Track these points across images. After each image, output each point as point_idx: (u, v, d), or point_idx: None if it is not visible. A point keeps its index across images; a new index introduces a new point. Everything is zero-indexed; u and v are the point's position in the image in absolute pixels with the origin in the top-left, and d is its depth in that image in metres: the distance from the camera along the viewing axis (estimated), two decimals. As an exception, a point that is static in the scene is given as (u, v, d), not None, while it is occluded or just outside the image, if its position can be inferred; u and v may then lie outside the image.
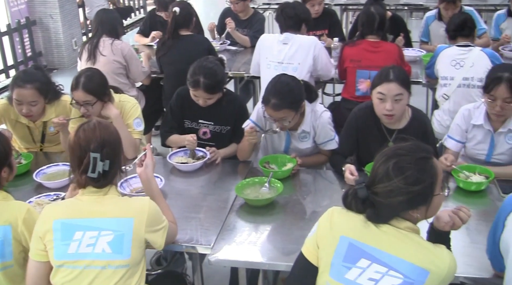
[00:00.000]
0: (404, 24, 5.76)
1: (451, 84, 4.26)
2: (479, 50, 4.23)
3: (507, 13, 5.49)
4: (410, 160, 1.93)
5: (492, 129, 3.26)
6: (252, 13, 5.77)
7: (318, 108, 3.42)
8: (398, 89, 3.11)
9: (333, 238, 2.00)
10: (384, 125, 3.25)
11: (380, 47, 4.44)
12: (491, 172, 3.07)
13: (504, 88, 3.09)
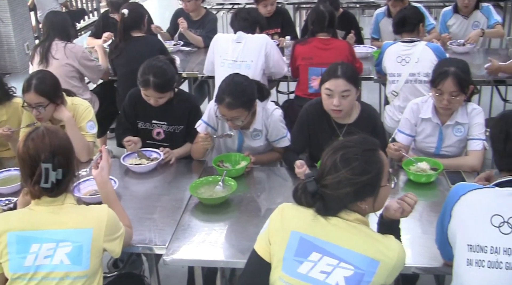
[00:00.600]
0: (355, 21, 5.85)
1: (398, 81, 4.35)
2: (424, 45, 4.31)
3: (453, 9, 5.61)
4: (356, 151, 1.98)
5: (440, 122, 3.34)
6: (204, 14, 5.78)
7: (269, 106, 3.45)
8: (345, 86, 3.15)
9: (284, 233, 2.02)
10: (334, 120, 3.30)
11: (331, 44, 4.50)
12: (440, 163, 3.15)
13: (450, 82, 3.17)
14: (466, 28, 5.51)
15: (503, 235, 2.00)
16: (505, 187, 2.08)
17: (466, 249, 2.04)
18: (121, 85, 4.84)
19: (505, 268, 1.97)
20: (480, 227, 2.04)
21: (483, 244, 2.01)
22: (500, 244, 1.99)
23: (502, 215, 2.03)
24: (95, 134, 3.56)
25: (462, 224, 2.10)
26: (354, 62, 4.58)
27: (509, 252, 1.98)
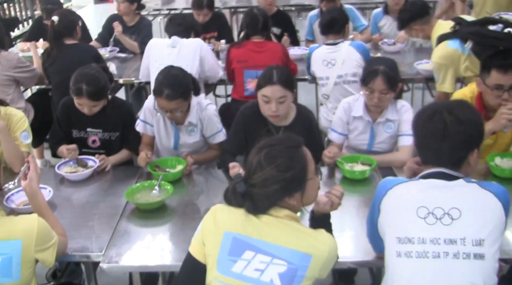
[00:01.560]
0: (290, 20, 5.90)
1: (327, 84, 4.43)
2: (347, 45, 4.40)
3: (384, 11, 5.76)
4: (280, 148, 2.03)
5: (371, 120, 3.44)
6: (139, 19, 5.75)
7: (203, 101, 3.51)
8: (282, 92, 3.20)
9: (218, 234, 2.05)
10: (270, 122, 3.35)
11: (265, 47, 4.56)
12: (373, 160, 3.24)
13: (380, 80, 3.26)
14: (396, 28, 5.65)
15: (429, 226, 2.07)
16: (429, 178, 2.16)
17: (395, 242, 2.10)
18: (55, 93, 4.75)
19: (431, 257, 2.03)
20: (407, 220, 2.10)
21: (411, 236, 2.07)
22: (427, 234, 2.06)
23: (427, 206, 2.09)
24: (30, 145, 3.49)
25: (390, 218, 2.16)
26: (289, 64, 4.66)
27: (435, 242, 2.04)
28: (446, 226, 2.06)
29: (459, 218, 2.06)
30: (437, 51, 4.14)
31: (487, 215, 2.08)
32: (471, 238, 2.03)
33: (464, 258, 2.02)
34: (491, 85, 3.13)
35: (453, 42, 4.01)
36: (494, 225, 2.06)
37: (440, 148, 2.14)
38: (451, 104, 2.20)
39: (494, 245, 2.05)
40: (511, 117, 3.05)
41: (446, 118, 2.12)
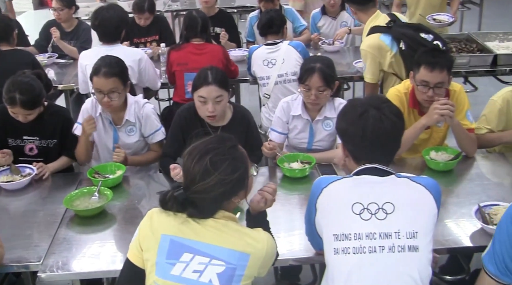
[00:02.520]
0: (232, 20, 5.89)
1: (268, 83, 4.47)
2: (287, 45, 4.46)
3: (322, 11, 5.83)
4: (223, 151, 2.02)
5: (310, 118, 3.48)
6: (77, 24, 5.64)
7: (140, 100, 3.51)
8: (218, 91, 3.21)
9: (155, 238, 2.04)
10: (208, 123, 3.35)
11: (205, 49, 4.55)
12: (312, 158, 3.28)
13: (317, 77, 3.31)
14: (335, 28, 5.76)
15: (364, 221, 2.10)
16: (362, 175, 2.19)
17: (333, 239, 2.12)
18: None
19: (368, 252, 2.06)
20: (343, 216, 2.13)
21: (347, 232, 2.10)
22: (362, 230, 2.09)
23: (361, 202, 2.12)
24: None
25: (326, 216, 2.18)
26: (229, 66, 4.68)
27: (371, 237, 2.08)
28: (381, 220, 2.10)
29: (393, 212, 2.10)
30: (367, 39, 4.21)
31: (420, 208, 2.13)
32: (405, 231, 2.08)
33: (399, 251, 2.06)
34: (418, 81, 3.23)
35: (386, 37, 4.10)
36: (426, 217, 2.12)
37: (369, 143, 2.17)
38: (379, 102, 2.21)
39: (427, 237, 2.10)
40: (443, 112, 3.14)
41: (375, 116, 2.14)
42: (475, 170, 3.28)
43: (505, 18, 8.10)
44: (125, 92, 3.42)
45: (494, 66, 4.87)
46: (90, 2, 8.55)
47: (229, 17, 5.87)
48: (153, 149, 3.59)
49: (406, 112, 3.37)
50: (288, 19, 5.59)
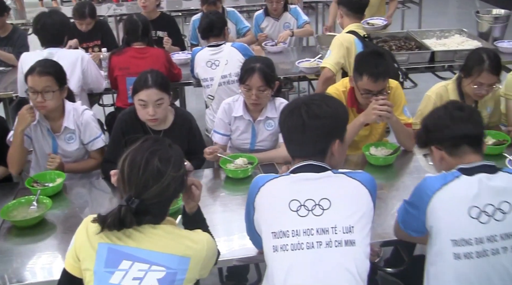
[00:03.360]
0: (175, 23, 5.88)
1: (212, 85, 4.47)
2: (230, 47, 4.48)
3: (265, 13, 5.87)
4: (166, 150, 2.03)
5: (252, 119, 3.50)
6: (12, 30, 5.49)
7: (79, 107, 3.46)
8: (158, 95, 3.20)
9: (92, 247, 2.00)
10: (149, 127, 3.33)
11: (147, 53, 4.52)
12: (255, 158, 3.30)
13: (257, 77, 3.33)
14: (278, 29, 5.80)
15: (302, 218, 2.12)
16: (299, 172, 2.21)
17: (271, 237, 2.13)
18: None
19: (306, 248, 2.08)
20: (281, 214, 2.15)
21: (285, 229, 2.11)
22: (300, 226, 2.11)
23: (298, 199, 2.14)
24: None
25: (264, 214, 2.19)
26: (172, 69, 4.66)
27: (308, 233, 2.10)
28: (318, 216, 2.12)
29: (329, 208, 2.13)
30: (345, 34, 4.34)
31: (355, 203, 2.16)
32: (341, 225, 2.10)
33: (336, 245, 2.08)
34: (361, 89, 3.30)
35: (359, 43, 4.25)
36: (362, 212, 2.15)
37: (301, 141, 2.21)
38: (310, 100, 2.25)
39: (363, 231, 2.13)
40: (381, 113, 3.20)
41: (303, 113, 2.18)
42: (413, 164, 3.34)
43: (443, 16, 8.34)
44: (61, 96, 3.35)
45: (432, 62, 5.01)
46: (32, 8, 8.39)
47: (171, 21, 5.84)
48: (92, 156, 3.53)
49: None
50: (231, 21, 5.64)
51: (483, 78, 3.36)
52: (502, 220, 2.18)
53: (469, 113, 2.38)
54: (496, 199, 2.19)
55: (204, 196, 3.09)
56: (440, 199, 2.24)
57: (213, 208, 2.98)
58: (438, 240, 2.24)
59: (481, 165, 2.27)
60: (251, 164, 3.25)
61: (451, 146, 2.35)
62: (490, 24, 5.60)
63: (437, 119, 2.43)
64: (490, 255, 2.16)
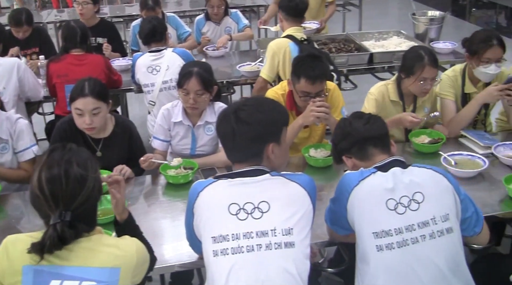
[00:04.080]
0: (115, 29, 5.82)
1: (153, 90, 4.45)
2: (171, 52, 4.47)
3: (205, 17, 5.87)
4: (78, 154, 1.98)
5: (191, 124, 3.49)
6: None
7: (13, 115, 3.37)
8: (95, 103, 3.17)
9: (15, 271, 1.92)
10: (89, 136, 3.29)
11: (86, 59, 4.47)
12: (195, 163, 3.30)
13: (195, 81, 3.33)
14: (220, 33, 5.80)
15: (241, 221, 2.13)
16: (237, 177, 2.22)
17: (211, 242, 2.14)
18: None
19: (246, 251, 2.10)
20: (220, 218, 2.15)
21: (225, 233, 2.12)
22: (240, 230, 2.12)
23: (237, 202, 2.15)
24: None
25: (204, 219, 2.19)
26: (112, 75, 4.61)
27: (248, 236, 2.11)
28: (257, 219, 2.14)
29: (268, 210, 2.15)
30: (278, 39, 4.41)
31: (294, 205, 2.18)
32: (280, 228, 2.13)
33: (276, 248, 2.10)
34: (300, 92, 3.34)
35: (294, 47, 4.29)
36: (301, 214, 2.17)
37: (233, 147, 2.24)
38: (242, 105, 2.25)
39: (302, 233, 2.16)
40: (319, 115, 3.25)
41: (232, 120, 2.20)
42: (352, 164, 3.40)
43: (384, 18, 8.52)
44: None
45: (371, 64, 5.10)
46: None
47: (111, 27, 5.77)
48: (22, 167, 3.39)
49: None
50: (172, 26, 5.62)
51: (426, 73, 3.45)
52: (417, 209, 2.27)
53: (368, 118, 2.50)
54: (410, 190, 2.29)
55: (144, 203, 3.10)
56: (358, 194, 2.31)
57: (154, 215, 2.96)
58: (361, 235, 2.30)
59: (393, 160, 2.39)
60: (192, 169, 3.25)
61: (358, 151, 2.46)
62: (426, 25, 5.75)
63: (340, 131, 2.54)
64: (410, 244, 2.23)
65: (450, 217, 2.30)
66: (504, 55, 3.63)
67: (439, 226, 2.27)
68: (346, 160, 2.51)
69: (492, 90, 3.52)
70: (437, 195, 2.31)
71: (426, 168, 2.38)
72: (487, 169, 3.17)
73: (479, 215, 2.47)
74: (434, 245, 2.25)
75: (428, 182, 2.33)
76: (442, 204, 2.31)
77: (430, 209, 2.28)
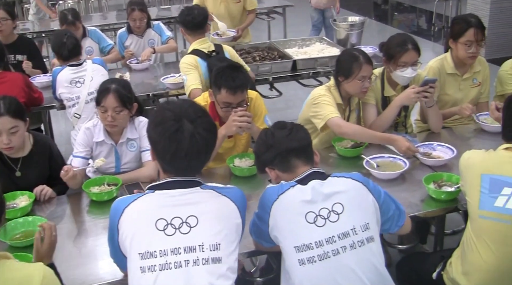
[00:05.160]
0: (34, 46, 5.68)
1: (79, 103, 4.39)
2: (92, 64, 4.43)
3: (128, 30, 5.79)
4: None
5: (114, 142, 3.44)
6: None
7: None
8: (12, 123, 3.08)
9: None
10: (7, 156, 3.19)
11: (4, 77, 4.34)
12: (118, 179, 3.25)
13: (112, 98, 3.29)
14: (143, 46, 5.74)
15: (168, 237, 2.10)
16: (165, 189, 2.17)
17: (138, 258, 2.09)
18: None
19: (174, 267, 2.07)
20: (147, 234, 2.11)
21: (152, 250, 2.08)
22: (167, 246, 2.09)
23: (165, 217, 2.11)
24: None
25: (130, 235, 2.14)
26: (32, 93, 4.50)
27: (176, 252, 2.08)
28: (185, 234, 2.11)
29: (196, 225, 2.12)
30: (186, 57, 4.38)
31: (223, 220, 2.17)
32: (208, 243, 2.11)
33: (203, 263, 2.09)
34: (221, 103, 3.35)
35: (202, 62, 4.29)
36: (229, 228, 2.17)
37: (182, 160, 2.13)
38: (192, 114, 2.15)
39: (230, 247, 2.15)
40: (241, 124, 3.27)
41: (190, 132, 2.10)
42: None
43: (308, 25, 8.62)
44: None
45: (295, 71, 5.16)
46: None
47: (31, 44, 5.63)
48: None
49: None
50: (93, 40, 5.53)
51: (364, 71, 3.53)
52: (337, 221, 2.29)
53: (291, 128, 2.47)
54: (329, 202, 2.30)
55: (68, 223, 3.04)
56: (278, 208, 2.32)
57: (78, 234, 2.91)
58: (284, 249, 2.31)
59: (312, 172, 2.38)
60: (115, 185, 3.19)
61: (281, 163, 2.45)
62: (347, 31, 5.86)
63: (262, 143, 2.51)
64: (332, 256, 2.25)
65: (370, 225, 2.32)
66: (422, 57, 3.75)
67: (359, 236, 2.29)
68: (269, 171, 2.50)
69: (409, 92, 3.62)
70: (357, 204, 2.33)
71: (345, 177, 2.40)
72: (408, 170, 3.26)
73: (401, 209, 2.53)
74: (355, 255, 2.27)
75: (347, 192, 2.35)
76: (362, 213, 2.33)
77: (350, 219, 2.30)
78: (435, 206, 2.99)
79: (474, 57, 3.94)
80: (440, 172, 3.18)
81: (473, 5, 8.65)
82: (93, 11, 11.12)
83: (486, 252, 2.49)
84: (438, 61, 4.08)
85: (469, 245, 2.57)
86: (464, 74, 4.05)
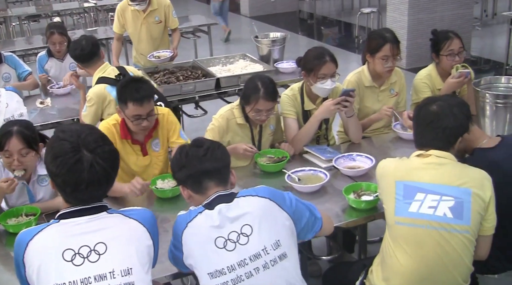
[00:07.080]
0: None
1: None
2: (5, 91, 4.30)
3: (48, 54, 5.68)
4: None
5: (25, 181, 3.33)
6: None
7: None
8: None
9: None
10: None
11: None
12: (37, 208, 3.15)
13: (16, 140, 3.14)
14: (64, 70, 5.61)
15: (77, 267, 2.04)
16: (69, 218, 2.12)
17: None
18: None
19: None
20: (54, 267, 2.04)
21: (61, 282, 2.03)
22: (76, 277, 2.03)
23: (72, 248, 2.06)
24: None
25: (37, 269, 2.06)
26: None
27: (86, 282, 2.03)
28: (94, 263, 2.06)
29: (105, 252, 2.08)
30: (95, 87, 4.33)
31: (133, 243, 2.13)
32: (119, 269, 2.07)
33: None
34: (131, 116, 3.32)
35: (112, 88, 4.20)
36: (140, 251, 2.14)
37: (83, 191, 2.09)
38: (91, 143, 2.10)
39: (142, 270, 2.12)
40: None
41: (90, 162, 2.07)
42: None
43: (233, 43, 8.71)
44: None
45: (219, 89, 5.17)
46: None
47: None
48: None
49: (119, 143, 3.44)
50: (10, 66, 5.37)
51: (261, 105, 3.53)
52: (246, 243, 2.27)
53: (207, 148, 2.41)
54: (237, 225, 2.29)
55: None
56: (188, 237, 2.30)
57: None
58: (199, 276, 2.29)
59: (217, 196, 2.35)
60: (34, 215, 3.10)
61: (193, 184, 2.41)
62: (269, 47, 5.91)
63: (175, 161, 2.47)
64: (245, 279, 2.24)
65: (281, 242, 2.31)
66: (347, 69, 3.85)
67: (271, 255, 2.28)
68: (183, 190, 2.47)
69: (328, 105, 3.68)
70: (266, 222, 2.32)
71: (251, 196, 2.37)
72: (329, 182, 3.31)
73: (316, 215, 2.54)
74: (268, 275, 2.27)
75: (254, 212, 2.32)
76: (272, 231, 2.32)
77: (260, 240, 2.29)
78: (355, 215, 3.04)
79: (391, 71, 4.07)
80: (359, 182, 3.24)
81: (392, 17, 8.93)
82: (15, 36, 10.84)
83: (403, 256, 2.55)
84: (356, 75, 4.18)
85: (387, 251, 2.63)
86: (381, 85, 4.16)
